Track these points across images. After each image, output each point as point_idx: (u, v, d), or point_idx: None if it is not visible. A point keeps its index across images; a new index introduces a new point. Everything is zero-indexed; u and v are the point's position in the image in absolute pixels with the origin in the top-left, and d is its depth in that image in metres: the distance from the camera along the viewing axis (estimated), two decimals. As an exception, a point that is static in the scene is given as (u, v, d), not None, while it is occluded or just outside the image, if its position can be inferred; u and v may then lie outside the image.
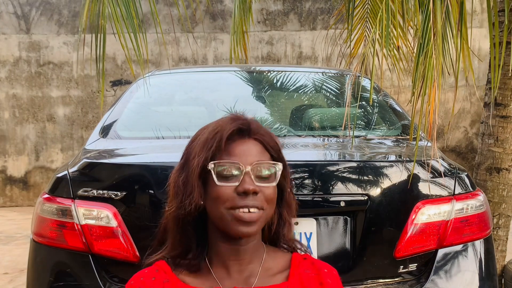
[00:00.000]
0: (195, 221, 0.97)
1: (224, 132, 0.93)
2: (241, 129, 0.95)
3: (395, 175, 1.65)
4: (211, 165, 0.92)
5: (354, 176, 1.64)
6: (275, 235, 1.02)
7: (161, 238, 1.03)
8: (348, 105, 1.92)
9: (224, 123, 0.96)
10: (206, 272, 0.97)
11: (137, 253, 1.54)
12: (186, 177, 0.95)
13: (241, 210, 0.91)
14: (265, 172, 0.94)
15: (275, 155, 0.98)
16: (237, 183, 0.92)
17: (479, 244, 1.72)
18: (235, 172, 0.92)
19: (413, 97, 1.78)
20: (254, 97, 2.49)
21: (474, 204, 1.71)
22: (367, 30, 2.90)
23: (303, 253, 1.04)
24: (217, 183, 0.92)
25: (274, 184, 0.95)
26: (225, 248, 0.96)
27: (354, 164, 1.68)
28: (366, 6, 2.86)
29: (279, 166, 0.96)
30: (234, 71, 2.72)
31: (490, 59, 2.49)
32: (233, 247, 0.96)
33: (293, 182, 1.55)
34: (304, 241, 1.61)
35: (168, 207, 0.98)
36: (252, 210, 0.91)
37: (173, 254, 0.99)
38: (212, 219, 0.96)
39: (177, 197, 0.95)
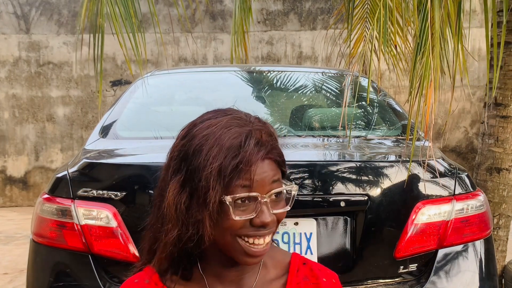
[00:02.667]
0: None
1: (252, 165, 0.80)
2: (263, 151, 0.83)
3: (395, 175, 1.65)
4: (228, 199, 0.80)
5: (354, 176, 1.64)
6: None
7: (148, 250, 0.92)
8: (346, 105, 1.92)
9: (249, 146, 0.81)
10: (198, 280, 0.90)
11: (137, 254, 1.54)
12: (192, 205, 0.82)
13: (255, 241, 0.83)
14: (281, 199, 0.86)
15: (284, 168, 0.88)
16: (253, 215, 0.82)
17: (480, 244, 1.72)
18: (252, 202, 0.82)
19: (410, 97, 1.78)
20: (254, 97, 2.49)
21: (475, 204, 1.71)
22: (366, 30, 2.90)
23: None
24: (234, 218, 0.81)
25: (288, 208, 0.86)
26: (224, 260, 0.88)
27: (354, 164, 1.68)
28: (366, 6, 2.86)
29: (295, 188, 0.88)
30: (234, 71, 2.72)
31: (488, 60, 2.48)
32: (235, 267, 0.89)
33: (293, 182, 1.55)
34: (304, 241, 1.61)
35: (165, 231, 0.85)
36: (267, 239, 0.84)
37: (162, 268, 0.89)
38: (218, 245, 0.86)
39: (178, 222, 0.82)
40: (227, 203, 0.80)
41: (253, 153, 0.80)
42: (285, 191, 0.86)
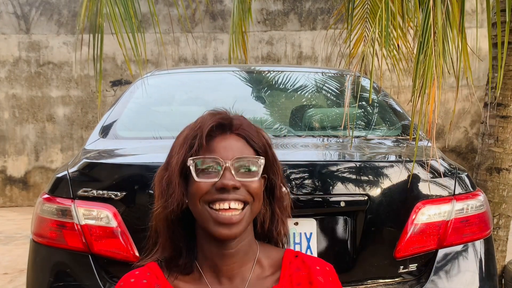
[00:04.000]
0: (184, 222, 0.95)
1: (204, 128, 0.91)
2: (222, 124, 0.93)
3: (395, 175, 1.65)
4: (189, 161, 0.90)
5: (354, 176, 1.64)
6: (269, 233, 0.99)
7: (154, 239, 1.00)
8: (347, 105, 1.92)
9: (204, 119, 0.94)
10: (197, 277, 0.94)
11: (137, 253, 1.54)
12: (169, 176, 0.92)
13: (221, 206, 0.88)
14: (247, 167, 0.91)
15: (260, 150, 0.94)
16: (216, 179, 0.89)
17: (479, 244, 1.72)
18: (215, 168, 0.90)
19: (413, 97, 1.78)
20: (254, 97, 2.49)
21: (474, 204, 1.71)
22: (366, 30, 2.90)
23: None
24: (196, 179, 0.89)
25: (257, 178, 0.91)
26: (214, 252, 0.93)
27: (354, 164, 1.68)
28: (366, 6, 2.86)
29: (261, 160, 0.93)
30: (234, 71, 2.72)
31: (490, 59, 2.48)
32: (222, 251, 0.92)
33: (293, 182, 1.55)
34: (304, 241, 1.61)
35: (154, 208, 0.96)
36: (233, 205, 0.88)
37: (165, 255, 0.96)
38: (196, 219, 0.93)
39: (162, 197, 0.93)
40: (189, 165, 0.90)
41: (205, 121, 0.92)
42: (258, 166, 0.91)
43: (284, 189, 1.00)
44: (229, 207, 0.88)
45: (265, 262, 0.97)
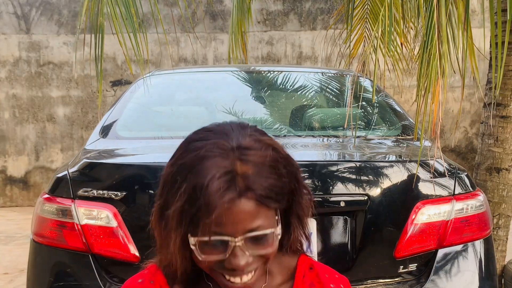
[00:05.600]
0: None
1: (214, 209, 0.71)
2: (229, 186, 0.72)
3: (395, 175, 1.65)
4: (192, 241, 0.74)
5: (354, 176, 1.64)
6: (281, 241, 0.85)
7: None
8: (350, 105, 1.92)
9: (208, 169, 0.72)
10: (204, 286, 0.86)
11: (137, 253, 1.54)
12: (167, 238, 0.78)
13: (231, 279, 0.77)
14: (260, 238, 0.75)
15: (276, 205, 0.76)
16: (224, 255, 0.74)
17: (479, 244, 1.72)
18: (223, 243, 0.74)
19: (417, 97, 1.78)
20: (254, 97, 2.49)
21: (474, 204, 1.72)
22: (366, 30, 2.91)
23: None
24: (201, 258, 0.75)
25: (271, 250, 0.76)
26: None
27: (354, 164, 1.68)
28: (366, 6, 2.86)
29: (278, 230, 0.77)
30: (234, 71, 2.72)
31: (490, 59, 2.49)
32: None
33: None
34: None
35: (157, 249, 0.84)
36: (245, 278, 0.76)
37: (166, 265, 0.85)
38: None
39: (162, 247, 0.81)
40: (191, 245, 0.75)
41: (215, 197, 0.70)
42: (273, 233, 0.75)
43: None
44: (241, 280, 0.76)
45: (275, 269, 0.89)
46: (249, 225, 0.73)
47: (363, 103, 2.33)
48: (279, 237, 0.78)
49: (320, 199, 1.59)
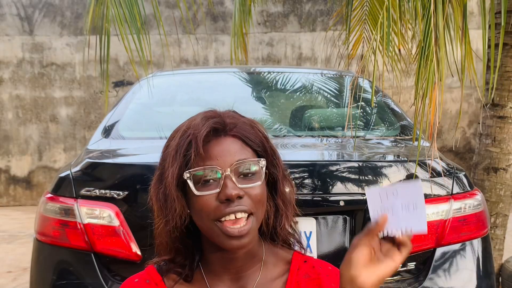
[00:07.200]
0: (188, 229, 0.89)
1: (197, 137, 0.83)
2: (215, 128, 0.85)
3: (394, 175, 1.67)
4: (186, 175, 0.83)
5: (353, 176, 1.65)
6: (274, 230, 0.93)
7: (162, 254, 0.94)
8: (350, 106, 1.94)
9: (196, 124, 0.85)
10: (200, 283, 0.90)
11: (139, 252, 1.56)
12: (165, 190, 0.85)
13: (228, 218, 0.82)
14: (248, 171, 0.84)
15: (259, 148, 0.88)
16: (218, 190, 0.82)
17: (477, 243, 1.73)
18: (215, 177, 0.83)
19: (416, 100, 1.79)
20: (255, 98, 2.51)
21: (472, 204, 1.73)
22: (365, 31, 2.93)
23: (303, 251, 0.96)
24: (196, 193, 0.83)
25: (260, 183, 0.85)
26: (220, 257, 0.89)
27: (353, 164, 1.70)
28: (364, 8, 2.88)
29: (263, 162, 0.86)
30: (235, 72, 2.74)
31: (485, 61, 2.50)
32: (228, 256, 0.88)
33: (293, 182, 1.57)
34: (304, 240, 1.63)
35: (156, 224, 0.89)
36: (239, 215, 0.82)
37: (166, 259, 0.91)
38: (202, 231, 0.88)
39: (162, 211, 0.86)
40: (186, 178, 0.83)
41: (198, 127, 0.84)
42: (259, 168, 0.85)
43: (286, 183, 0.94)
44: (235, 217, 0.83)
45: (270, 262, 0.93)
46: (237, 157, 0.84)
47: (362, 103, 2.35)
48: (265, 173, 0.87)
49: (320, 198, 1.61)
